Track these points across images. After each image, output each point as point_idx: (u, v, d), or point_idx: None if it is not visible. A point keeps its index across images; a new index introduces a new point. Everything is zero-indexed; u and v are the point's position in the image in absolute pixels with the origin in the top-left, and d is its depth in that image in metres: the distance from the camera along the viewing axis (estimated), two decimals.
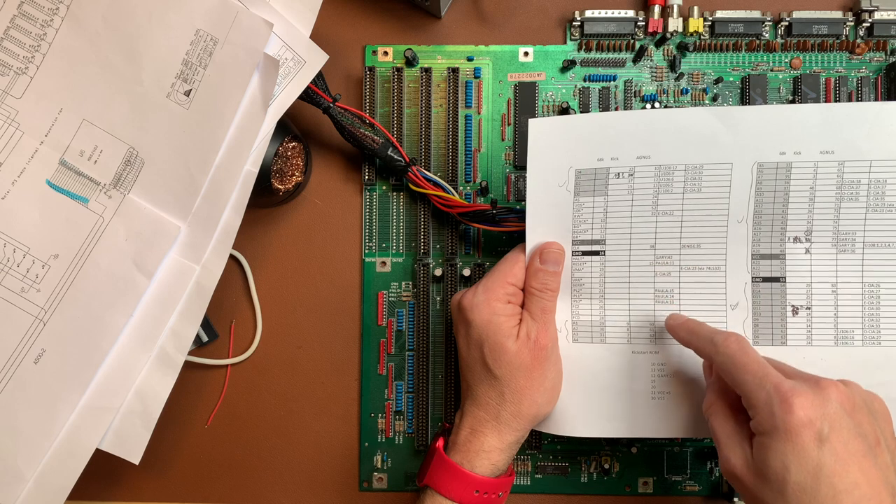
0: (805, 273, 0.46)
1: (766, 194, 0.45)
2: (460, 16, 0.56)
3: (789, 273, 0.46)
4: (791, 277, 0.46)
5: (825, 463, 0.35)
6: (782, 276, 0.46)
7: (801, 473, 0.35)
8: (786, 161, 0.44)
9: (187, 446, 0.56)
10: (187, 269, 0.48)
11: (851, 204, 0.45)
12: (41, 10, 0.46)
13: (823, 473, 0.35)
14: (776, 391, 0.36)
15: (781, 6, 0.54)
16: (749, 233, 0.46)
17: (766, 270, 0.46)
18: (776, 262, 0.46)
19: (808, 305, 0.46)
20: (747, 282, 0.46)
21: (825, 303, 0.46)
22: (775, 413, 0.36)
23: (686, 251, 0.46)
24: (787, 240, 0.46)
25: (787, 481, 0.35)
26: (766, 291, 0.46)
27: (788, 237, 0.46)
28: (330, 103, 0.51)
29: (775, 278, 0.46)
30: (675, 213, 0.46)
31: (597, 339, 0.47)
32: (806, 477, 0.35)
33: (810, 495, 0.35)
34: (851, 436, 0.36)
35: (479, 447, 0.44)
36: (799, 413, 0.35)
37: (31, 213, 0.47)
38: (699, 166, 0.45)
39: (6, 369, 0.46)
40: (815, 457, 0.35)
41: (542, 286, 0.45)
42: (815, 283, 0.46)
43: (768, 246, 0.46)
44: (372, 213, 0.55)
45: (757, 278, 0.46)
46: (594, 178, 0.46)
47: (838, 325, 0.46)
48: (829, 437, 0.35)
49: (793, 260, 0.46)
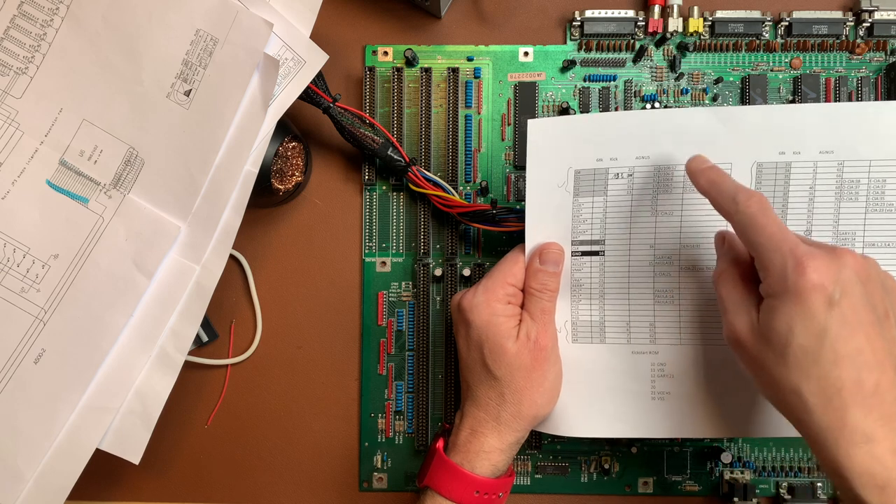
0: None
1: (766, 194, 0.45)
2: (460, 16, 0.56)
3: None
4: None
5: (831, 327, 0.34)
6: None
7: (806, 336, 0.34)
8: (785, 161, 0.44)
9: (187, 446, 0.56)
10: (187, 269, 0.48)
11: (851, 204, 0.45)
12: (41, 10, 0.46)
13: (828, 337, 0.34)
14: (791, 254, 0.35)
15: (781, 6, 0.54)
16: None
17: None
18: None
19: None
20: None
21: None
22: (788, 275, 0.35)
23: (686, 251, 0.46)
24: None
25: (790, 343, 0.35)
26: None
27: None
28: (330, 103, 0.51)
29: None
30: (675, 214, 0.46)
31: (596, 340, 0.47)
32: (810, 339, 0.34)
33: (811, 358, 0.34)
34: (861, 304, 0.35)
35: (479, 448, 0.44)
36: (812, 276, 0.34)
37: (31, 213, 0.47)
38: None
39: (6, 369, 0.46)
40: (822, 320, 0.34)
41: (541, 286, 0.45)
42: None
43: None
44: (372, 213, 0.55)
45: None
46: (593, 178, 0.46)
47: None
48: (840, 302, 0.34)
49: None
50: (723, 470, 0.54)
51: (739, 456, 0.54)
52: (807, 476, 0.53)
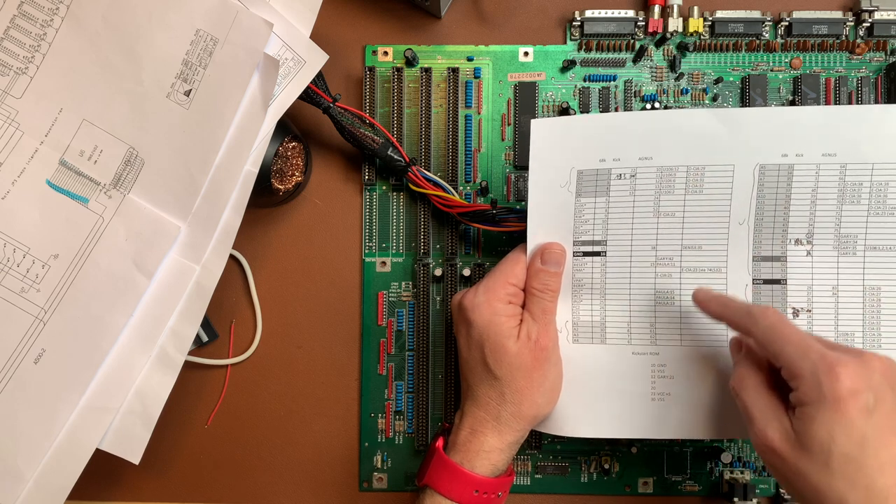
0: (806, 275, 0.46)
1: (768, 196, 0.45)
2: (460, 16, 0.56)
3: (790, 275, 0.46)
4: (792, 280, 0.46)
5: (870, 434, 0.34)
6: (783, 279, 0.46)
7: (848, 444, 0.34)
8: (788, 163, 0.44)
9: (187, 446, 0.56)
10: (187, 269, 0.48)
11: (853, 207, 0.45)
12: (41, 10, 0.46)
13: (869, 444, 0.34)
14: (822, 361, 0.35)
15: (781, 6, 0.54)
16: (750, 235, 0.46)
17: (766, 272, 0.46)
18: (777, 265, 0.46)
19: (809, 308, 0.46)
20: (748, 283, 0.46)
21: (826, 305, 0.46)
22: (822, 382, 0.35)
23: (687, 252, 0.46)
24: (789, 242, 0.45)
25: (833, 451, 0.35)
26: (766, 293, 0.46)
27: (790, 239, 0.45)
28: (330, 103, 0.51)
29: (776, 280, 0.46)
30: (677, 215, 0.46)
31: (597, 340, 0.47)
32: (852, 447, 0.34)
33: (855, 466, 0.34)
34: (893, 408, 0.35)
35: (479, 447, 0.44)
36: (846, 382, 0.35)
37: (31, 213, 0.47)
38: (701, 168, 0.45)
39: (6, 369, 0.46)
40: (862, 427, 0.34)
41: (542, 286, 0.45)
42: (816, 286, 0.46)
43: (769, 248, 0.46)
44: (372, 213, 0.55)
45: (758, 280, 0.46)
46: (596, 178, 0.46)
47: (839, 328, 0.46)
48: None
49: (794, 262, 0.46)
50: (723, 470, 0.54)
51: (739, 456, 0.54)
52: None
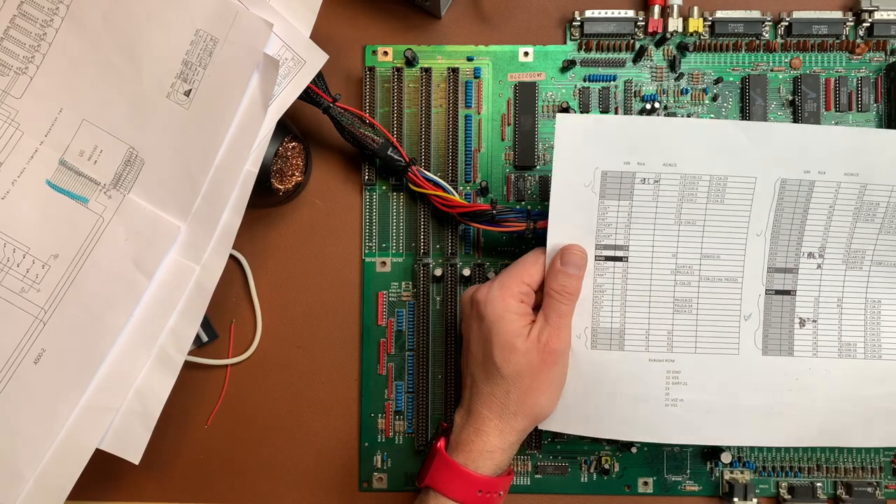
0: (814, 287, 0.47)
1: (787, 210, 0.46)
2: (460, 16, 0.56)
3: (800, 286, 0.47)
4: (801, 291, 0.47)
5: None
6: (793, 290, 0.47)
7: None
8: (809, 179, 0.45)
9: (187, 446, 0.56)
10: (187, 269, 0.48)
11: (866, 224, 0.46)
12: (41, 10, 0.46)
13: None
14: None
15: (781, 6, 0.54)
16: (766, 246, 0.46)
17: (779, 283, 0.47)
18: (789, 276, 0.47)
19: (815, 318, 0.47)
20: (761, 294, 0.47)
21: (830, 316, 0.47)
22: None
23: (706, 261, 0.46)
24: (802, 255, 0.46)
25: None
26: (776, 303, 0.47)
27: (803, 252, 0.46)
28: (330, 103, 0.51)
29: (786, 291, 0.47)
30: (698, 223, 0.46)
31: (615, 347, 0.47)
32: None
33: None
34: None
35: (482, 447, 0.44)
36: None
37: (31, 213, 0.47)
38: (724, 178, 0.45)
39: (6, 369, 0.46)
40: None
41: (560, 288, 0.45)
42: (823, 298, 0.47)
43: (783, 260, 0.46)
44: (372, 213, 0.55)
45: (770, 290, 0.47)
46: (620, 181, 0.46)
47: (842, 338, 0.47)
48: None
49: (805, 274, 0.47)
50: (723, 470, 0.54)
51: (739, 456, 0.54)
52: (807, 476, 0.53)
